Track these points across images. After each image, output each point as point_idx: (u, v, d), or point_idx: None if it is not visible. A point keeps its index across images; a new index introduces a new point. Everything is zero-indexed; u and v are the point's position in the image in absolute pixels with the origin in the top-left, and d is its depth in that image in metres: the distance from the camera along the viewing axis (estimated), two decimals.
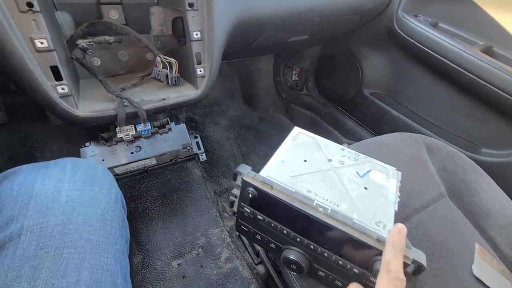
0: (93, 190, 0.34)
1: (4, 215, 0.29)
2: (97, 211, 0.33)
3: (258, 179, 0.38)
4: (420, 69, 0.88)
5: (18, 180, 0.32)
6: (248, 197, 0.39)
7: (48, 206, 0.30)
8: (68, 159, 0.37)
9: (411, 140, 0.73)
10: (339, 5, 0.76)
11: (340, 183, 0.42)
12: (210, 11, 0.53)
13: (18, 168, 0.34)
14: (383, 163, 0.49)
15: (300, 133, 0.52)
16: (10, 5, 0.38)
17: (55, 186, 0.32)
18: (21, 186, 0.31)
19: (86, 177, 0.35)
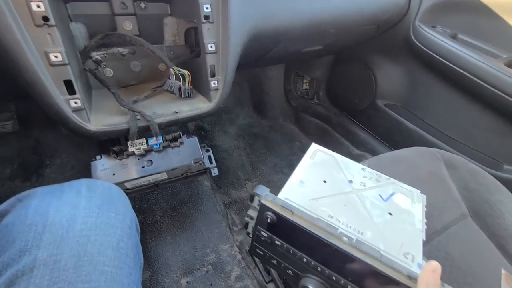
0: (109, 216, 0.33)
1: (17, 246, 0.28)
2: (112, 239, 0.32)
3: (278, 203, 0.36)
4: (437, 81, 0.86)
5: (32, 205, 0.30)
6: (266, 222, 0.37)
7: (62, 236, 0.29)
8: (83, 182, 0.36)
9: (429, 155, 0.70)
10: (355, 16, 0.75)
11: (363, 207, 0.40)
12: (226, 23, 0.52)
13: (32, 191, 0.33)
14: (407, 185, 0.46)
15: (318, 150, 0.50)
16: (26, 19, 0.37)
17: (70, 213, 0.31)
18: (36, 213, 0.30)
19: (101, 202, 0.34)
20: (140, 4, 0.62)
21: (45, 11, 0.38)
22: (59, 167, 0.97)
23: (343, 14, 0.72)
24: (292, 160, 1.22)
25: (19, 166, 0.92)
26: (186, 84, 0.58)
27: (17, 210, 0.31)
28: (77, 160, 1.00)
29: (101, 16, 0.59)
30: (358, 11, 0.75)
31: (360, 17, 0.76)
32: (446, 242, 0.53)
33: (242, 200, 0.99)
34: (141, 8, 0.62)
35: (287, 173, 1.17)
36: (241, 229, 0.84)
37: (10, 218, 0.30)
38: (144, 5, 0.62)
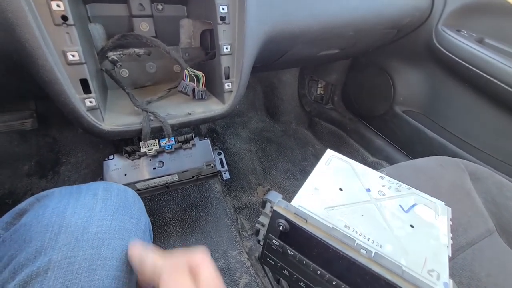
0: (123, 220, 0.33)
1: (33, 246, 0.28)
2: (126, 243, 0.32)
3: (291, 211, 0.35)
4: (461, 87, 0.81)
5: (50, 206, 0.31)
6: (278, 230, 0.35)
7: (77, 238, 0.29)
8: (100, 184, 0.36)
9: (453, 166, 0.66)
10: (375, 19, 0.72)
11: (382, 218, 0.37)
12: (243, 25, 0.51)
13: (51, 191, 0.34)
14: (429, 196, 0.43)
15: (333, 156, 0.48)
16: (46, 18, 0.38)
17: (86, 215, 0.31)
18: (53, 214, 0.30)
19: (117, 205, 0.34)
20: (158, 6, 0.62)
21: (64, 10, 0.38)
22: (74, 165, 0.98)
23: (361, 17, 0.69)
24: (304, 165, 1.20)
25: (36, 163, 0.95)
26: (200, 85, 0.58)
27: (35, 209, 0.31)
28: (92, 159, 1.01)
29: (119, 18, 0.60)
30: (377, 14, 0.72)
31: (379, 20, 0.74)
32: (472, 260, 0.50)
33: (252, 205, 0.98)
34: (158, 9, 0.63)
35: (300, 179, 1.15)
36: (251, 235, 0.83)
37: (28, 218, 0.30)
38: (162, 7, 0.63)
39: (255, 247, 0.78)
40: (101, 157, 1.02)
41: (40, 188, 0.91)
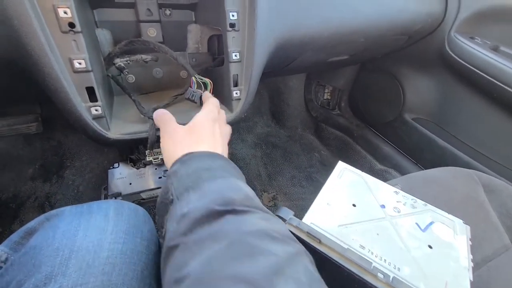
0: (135, 242, 0.32)
1: (43, 272, 0.27)
2: (137, 268, 0.31)
3: (303, 229, 0.33)
4: (474, 96, 0.79)
5: (60, 227, 0.30)
6: None
7: (88, 264, 0.28)
8: (111, 203, 0.35)
9: (465, 177, 0.64)
10: (386, 26, 0.71)
11: (399, 237, 0.36)
12: (253, 32, 0.49)
13: (61, 210, 0.33)
14: (447, 214, 0.41)
15: (345, 169, 0.46)
16: (52, 25, 0.37)
17: (97, 238, 0.30)
18: (63, 237, 0.29)
19: (128, 226, 0.33)
20: (165, 11, 0.62)
21: (71, 17, 0.37)
22: (79, 170, 0.98)
23: (372, 23, 0.68)
24: (310, 172, 1.18)
25: (41, 166, 0.94)
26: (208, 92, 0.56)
27: (45, 230, 0.30)
28: (96, 163, 1.01)
29: (126, 23, 0.59)
30: (389, 21, 0.71)
31: (391, 27, 0.72)
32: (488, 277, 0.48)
33: None
34: (166, 15, 0.62)
35: (305, 186, 1.13)
36: None
37: (38, 239, 0.29)
38: (169, 12, 0.62)
39: None
40: (105, 161, 1.01)
41: (44, 192, 0.91)
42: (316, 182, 1.14)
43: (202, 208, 0.25)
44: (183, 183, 0.29)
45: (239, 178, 0.31)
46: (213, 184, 0.28)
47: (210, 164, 0.31)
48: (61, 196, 0.91)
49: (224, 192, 0.27)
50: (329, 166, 1.23)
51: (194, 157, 0.32)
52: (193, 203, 0.26)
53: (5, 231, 0.80)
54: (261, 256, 0.22)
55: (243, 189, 0.29)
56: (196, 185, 0.28)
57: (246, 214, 0.25)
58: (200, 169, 0.30)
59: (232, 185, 0.29)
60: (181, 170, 0.31)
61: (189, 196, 0.27)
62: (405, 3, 0.71)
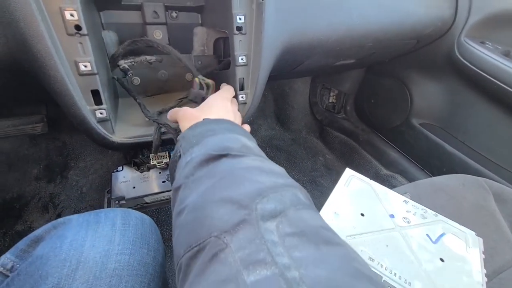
0: (142, 253, 0.32)
1: (49, 283, 0.26)
2: (143, 280, 0.31)
3: None
4: (484, 102, 0.78)
5: (68, 237, 0.30)
6: None
7: (95, 276, 0.28)
8: (118, 212, 0.35)
9: (475, 185, 0.62)
10: (395, 30, 0.69)
11: (409, 250, 0.35)
12: (260, 35, 0.49)
13: (68, 218, 0.33)
14: (458, 225, 0.40)
15: (352, 176, 0.45)
16: (58, 27, 0.36)
17: (105, 250, 0.30)
18: (71, 247, 0.29)
19: (135, 237, 0.33)
20: (172, 14, 0.61)
21: (78, 20, 0.37)
22: (83, 170, 0.98)
23: (381, 28, 0.67)
24: (315, 176, 1.17)
25: (45, 167, 0.94)
26: (209, 93, 0.55)
27: (52, 239, 0.30)
28: (100, 164, 1.01)
29: (133, 25, 0.59)
30: (398, 25, 0.69)
31: (400, 31, 0.71)
32: None
33: None
34: (172, 17, 0.62)
35: (310, 190, 1.11)
36: None
37: (46, 249, 0.29)
38: (176, 15, 0.62)
39: None
40: (109, 162, 1.01)
41: (47, 192, 0.91)
42: (321, 187, 1.13)
43: (201, 155, 0.28)
44: (189, 142, 0.32)
45: (242, 135, 0.33)
46: (213, 138, 0.31)
47: (214, 127, 0.34)
48: (64, 197, 0.91)
49: (221, 142, 0.30)
50: (334, 170, 1.21)
51: (201, 123, 0.35)
52: (195, 153, 0.29)
53: (9, 232, 0.80)
54: (248, 183, 0.24)
55: (241, 140, 0.31)
56: (199, 141, 0.31)
57: (241, 157, 0.28)
58: (205, 130, 0.33)
59: (231, 138, 0.31)
60: (188, 133, 0.34)
61: (193, 149, 0.30)
62: (415, 7, 0.70)
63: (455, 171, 0.83)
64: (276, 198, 0.22)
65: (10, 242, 0.78)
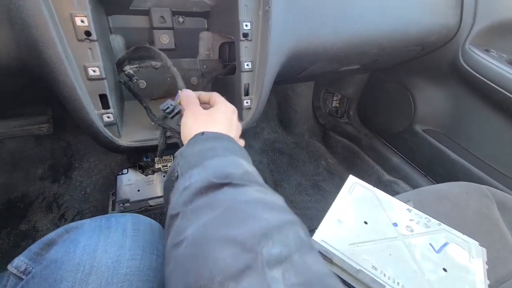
0: (151, 259, 0.33)
1: (64, 287, 0.27)
2: (153, 285, 0.31)
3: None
4: (489, 109, 0.78)
5: (81, 242, 0.31)
6: None
7: (107, 281, 0.29)
8: (128, 218, 0.36)
9: (478, 193, 0.62)
10: (400, 37, 0.70)
11: (412, 259, 0.35)
12: (266, 42, 0.49)
13: (80, 223, 0.34)
14: (461, 234, 0.40)
15: (356, 184, 0.45)
16: (69, 33, 0.37)
17: (116, 255, 0.31)
18: (84, 252, 0.30)
19: (144, 242, 0.34)
20: (179, 19, 0.62)
21: (88, 26, 0.37)
22: (87, 171, 0.99)
23: (387, 35, 0.67)
24: (317, 180, 1.17)
25: (50, 167, 0.95)
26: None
27: (65, 243, 0.31)
28: (104, 165, 1.01)
29: (140, 29, 0.59)
30: (403, 32, 0.70)
31: (405, 38, 0.71)
32: None
33: None
34: (179, 22, 0.62)
35: (311, 194, 1.12)
36: None
37: (59, 253, 0.30)
38: (182, 20, 0.62)
39: None
40: (113, 163, 1.02)
41: (51, 192, 0.91)
42: (323, 191, 1.13)
43: (201, 181, 0.27)
44: (187, 161, 0.30)
45: (242, 157, 0.32)
46: (214, 161, 0.29)
47: (214, 145, 0.32)
48: (68, 197, 0.91)
49: (223, 167, 0.28)
50: (336, 174, 1.21)
51: (201, 139, 0.34)
52: (194, 177, 0.28)
53: (13, 231, 0.81)
54: (252, 221, 0.23)
55: (243, 165, 0.30)
56: (199, 163, 0.29)
57: (243, 187, 0.26)
58: (204, 149, 0.31)
59: (232, 162, 0.30)
60: (187, 151, 0.32)
61: (192, 172, 0.28)
62: (420, 15, 0.70)
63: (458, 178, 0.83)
64: (281, 241, 0.22)
65: (14, 241, 0.79)
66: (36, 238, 0.81)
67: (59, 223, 0.85)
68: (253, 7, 0.49)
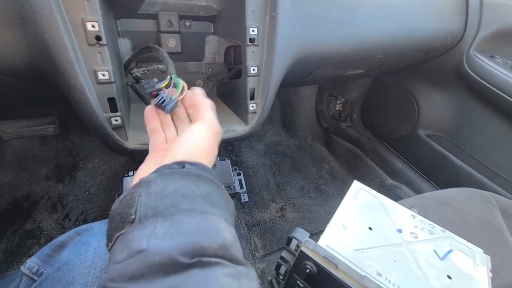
0: None
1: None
2: None
3: (320, 253, 0.33)
4: (493, 115, 0.78)
5: (92, 245, 0.31)
6: (305, 272, 0.33)
7: None
8: None
9: (482, 200, 0.63)
10: (404, 43, 0.70)
11: (416, 265, 0.35)
12: (272, 47, 0.50)
13: (91, 226, 0.34)
14: (466, 242, 0.40)
15: (360, 189, 0.46)
16: (80, 38, 0.38)
17: None
18: (95, 255, 0.30)
19: None
20: (185, 23, 0.63)
21: (98, 30, 0.38)
22: (91, 171, 0.99)
23: (391, 40, 0.68)
24: (319, 184, 1.17)
25: (55, 167, 0.96)
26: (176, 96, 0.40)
27: (76, 245, 0.31)
28: (108, 166, 1.02)
29: (148, 33, 0.60)
30: (408, 38, 0.70)
31: (409, 43, 0.71)
32: None
33: (265, 222, 0.96)
34: (186, 26, 0.63)
35: (314, 198, 1.12)
36: (264, 255, 0.80)
37: (71, 255, 0.30)
38: (189, 24, 0.63)
39: (268, 269, 0.76)
40: (117, 164, 1.03)
41: (56, 192, 0.92)
42: (325, 194, 1.13)
43: (164, 254, 0.20)
44: (153, 204, 0.22)
45: (223, 211, 0.25)
46: (188, 221, 0.22)
47: (193, 190, 0.24)
48: (72, 197, 0.92)
49: (197, 236, 0.21)
50: (339, 178, 1.21)
51: (179, 173, 0.26)
52: (156, 240, 0.20)
53: (18, 230, 0.82)
54: None
55: (221, 234, 0.23)
56: (168, 213, 0.22)
57: (214, 268, 0.20)
58: (179, 194, 0.24)
59: (210, 228, 0.23)
60: (156, 185, 0.24)
61: (155, 226, 0.21)
62: (425, 21, 0.71)
63: (462, 184, 0.83)
64: None
65: (19, 240, 0.80)
66: (40, 237, 0.81)
67: (64, 223, 0.86)
68: (260, 12, 0.50)
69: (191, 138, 0.31)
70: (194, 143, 0.31)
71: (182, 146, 0.30)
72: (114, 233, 0.22)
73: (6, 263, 0.75)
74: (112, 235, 0.23)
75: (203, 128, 0.33)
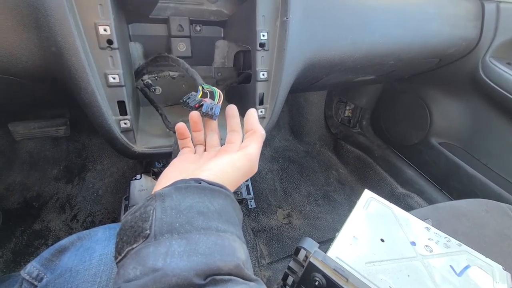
0: None
1: None
2: None
3: (329, 265, 0.31)
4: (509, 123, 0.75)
5: (97, 251, 0.30)
6: (313, 284, 0.32)
7: None
8: None
9: (499, 212, 0.60)
10: (418, 49, 0.69)
11: (432, 281, 0.33)
12: (282, 52, 0.49)
13: (94, 231, 0.33)
14: (484, 257, 0.38)
15: (372, 198, 0.44)
16: (92, 42, 0.38)
17: None
18: (100, 262, 0.29)
19: None
20: (196, 27, 0.63)
21: (110, 34, 0.38)
22: (99, 173, 1.00)
23: (404, 47, 0.66)
24: (327, 191, 1.15)
25: (64, 168, 0.98)
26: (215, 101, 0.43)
27: (79, 251, 0.30)
28: (116, 168, 1.03)
29: (158, 37, 0.61)
30: (422, 44, 0.69)
31: (423, 50, 0.70)
32: None
33: (271, 228, 0.94)
34: (196, 30, 0.63)
35: (322, 205, 1.10)
36: (269, 263, 0.79)
37: (74, 261, 0.29)
38: (200, 28, 0.63)
39: (274, 277, 0.74)
40: (125, 166, 1.03)
41: (65, 193, 0.93)
42: (333, 201, 1.11)
43: (181, 275, 0.19)
44: (169, 219, 0.22)
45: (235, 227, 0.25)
46: (204, 240, 0.22)
47: (207, 206, 0.24)
48: (81, 198, 0.93)
49: (213, 257, 0.21)
50: (347, 185, 1.19)
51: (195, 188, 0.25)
52: (172, 259, 0.20)
53: (27, 230, 0.83)
54: None
55: (236, 253, 0.23)
56: (184, 230, 0.22)
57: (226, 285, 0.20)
58: (194, 210, 0.23)
59: (225, 247, 0.22)
60: (171, 200, 0.24)
61: (171, 243, 0.21)
62: (439, 27, 0.69)
63: (476, 194, 0.80)
64: None
65: (28, 240, 0.81)
66: (48, 238, 0.82)
67: (71, 224, 0.86)
68: (270, 17, 0.49)
69: (226, 165, 0.30)
70: (225, 170, 0.29)
71: (211, 171, 0.29)
72: (125, 247, 0.22)
73: (14, 262, 0.76)
74: (123, 248, 0.22)
75: (243, 164, 0.31)
